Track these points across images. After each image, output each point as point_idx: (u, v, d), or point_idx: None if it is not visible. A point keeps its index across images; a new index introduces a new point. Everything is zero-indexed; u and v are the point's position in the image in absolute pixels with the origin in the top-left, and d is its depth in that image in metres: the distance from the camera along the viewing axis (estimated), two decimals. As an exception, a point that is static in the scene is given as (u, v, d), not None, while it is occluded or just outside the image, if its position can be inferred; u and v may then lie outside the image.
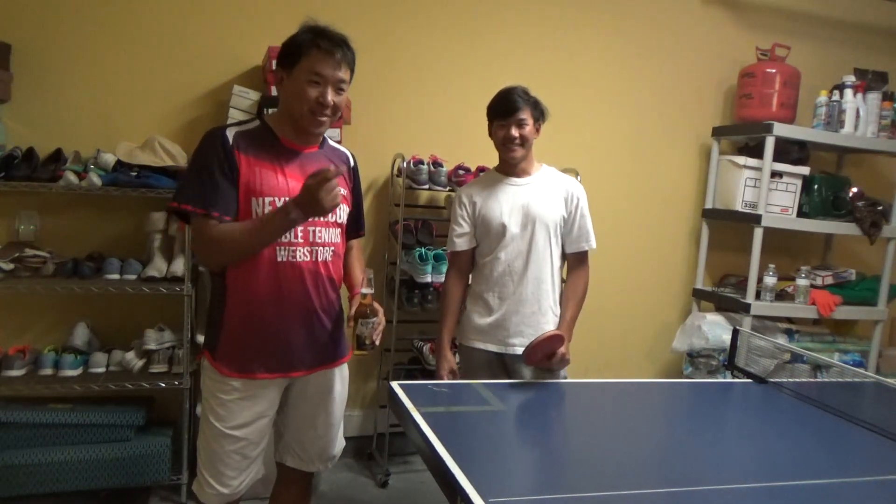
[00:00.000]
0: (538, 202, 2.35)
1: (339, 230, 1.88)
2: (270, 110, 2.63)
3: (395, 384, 1.96)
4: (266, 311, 1.77)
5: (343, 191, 1.86)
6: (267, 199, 1.72)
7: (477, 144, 2.71)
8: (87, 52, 2.86)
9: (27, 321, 2.88)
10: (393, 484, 3.11)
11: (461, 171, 3.14)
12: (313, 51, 1.71)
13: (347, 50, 1.76)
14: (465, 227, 2.39)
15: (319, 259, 1.81)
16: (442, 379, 2.37)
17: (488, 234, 2.36)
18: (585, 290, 2.43)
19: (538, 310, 2.35)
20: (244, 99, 2.81)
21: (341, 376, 1.98)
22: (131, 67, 2.92)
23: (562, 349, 2.25)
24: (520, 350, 2.32)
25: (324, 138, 1.92)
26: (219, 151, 1.70)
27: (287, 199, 1.69)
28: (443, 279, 2.91)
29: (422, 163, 3.12)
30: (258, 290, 1.75)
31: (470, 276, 2.48)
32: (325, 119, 1.77)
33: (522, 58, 3.44)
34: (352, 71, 1.80)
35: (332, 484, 3.03)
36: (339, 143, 2.94)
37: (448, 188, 3.13)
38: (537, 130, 2.35)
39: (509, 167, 2.38)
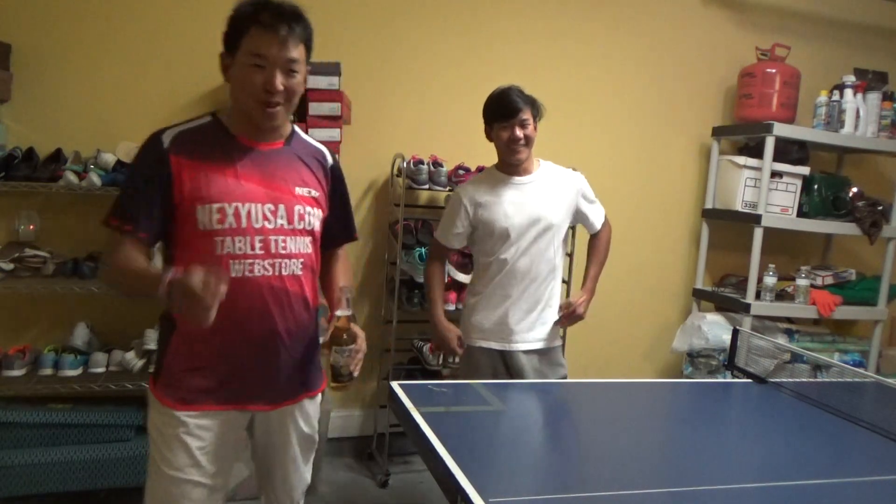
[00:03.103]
0: (541, 201, 2.35)
1: (308, 239, 1.61)
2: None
3: (395, 384, 1.96)
4: (217, 334, 1.47)
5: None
6: (215, 206, 1.49)
7: (477, 144, 2.70)
8: (88, 52, 2.86)
9: (27, 321, 2.88)
10: (393, 484, 3.10)
11: (461, 171, 3.14)
12: (253, 28, 1.45)
13: (296, 23, 1.48)
14: (460, 229, 2.40)
15: (284, 273, 1.56)
16: (455, 352, 2.41)
17: (492, 235, 2.35)
18: (608, 245, 2.56)
19: (540, 308, 2.37)
20: (244, 99, 2.81)
21: (314, 408, 1.75)
22: (131, 67, 2.92)
23: (579, 309, 2.36)
24: (522, 347, 2.35)
25: (294, 132, 1.66)
26: (147, 158, 1.51)
27: (239, 205, 1.50)
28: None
29: (422, 163, 3.12)
30: None
31: (472, 275, 2.50)
32: (276, 110, 1.51)
33: (522, 58, 3.44)
34: (307, 47, 1.53)
35: (331, 484, 3.03)
36: (338, 142, 2.88)
37: (448, 188, 3.12)
38: (535, 128, 2.35)
39: (511, 167, 2.38)
